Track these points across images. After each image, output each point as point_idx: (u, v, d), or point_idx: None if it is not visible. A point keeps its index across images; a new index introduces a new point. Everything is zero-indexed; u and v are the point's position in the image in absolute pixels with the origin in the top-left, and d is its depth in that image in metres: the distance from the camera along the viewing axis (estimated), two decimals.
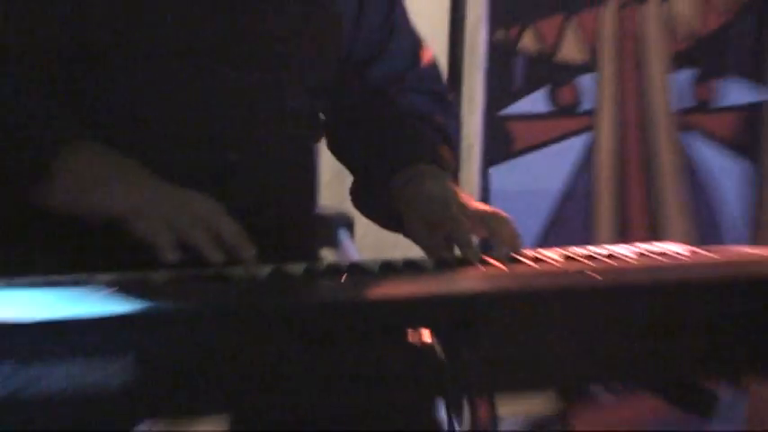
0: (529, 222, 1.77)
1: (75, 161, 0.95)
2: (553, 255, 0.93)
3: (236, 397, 0.67)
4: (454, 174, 1.13)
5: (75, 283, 0.79)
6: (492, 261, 0.90)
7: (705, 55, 1.72)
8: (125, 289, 0.76)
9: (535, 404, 0.96)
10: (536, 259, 0.91)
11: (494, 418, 0.91)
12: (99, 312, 0.67)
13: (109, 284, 0.77)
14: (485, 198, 1.73)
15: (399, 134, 1.15)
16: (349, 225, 1.59)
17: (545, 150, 1.76)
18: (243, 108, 1.06)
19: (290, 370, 0.69)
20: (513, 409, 1.20)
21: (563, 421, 1.10)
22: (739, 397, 1.79)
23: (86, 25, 1.03)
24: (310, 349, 0.70)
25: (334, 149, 1.22)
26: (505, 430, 1.58)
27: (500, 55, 1.87)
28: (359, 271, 0.89)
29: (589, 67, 1.77)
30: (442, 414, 0.84)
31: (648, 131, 1.73)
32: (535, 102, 1.79)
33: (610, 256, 0.92)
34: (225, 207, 0.91)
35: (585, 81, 1.77)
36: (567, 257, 0.92)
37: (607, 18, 1.68)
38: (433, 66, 1.21)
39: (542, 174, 1.80)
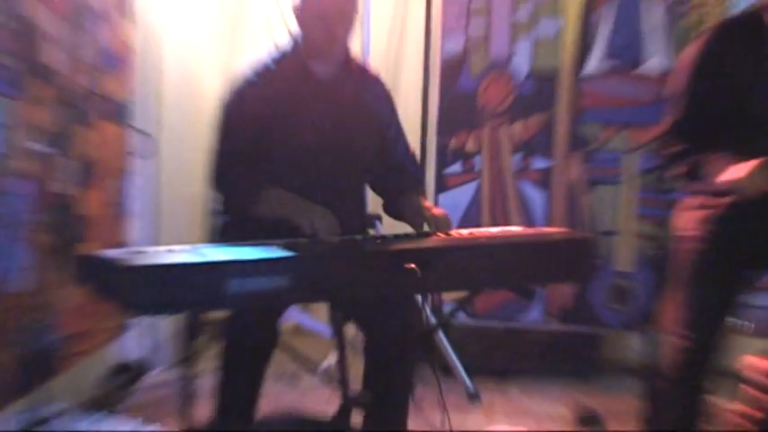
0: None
1: (268, 194, 2.27)
2: (464, 232, 2.25)
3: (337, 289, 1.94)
4: (425, 196, 2.54)
5: (269, 245, 2.00)
6: (441, 234, 2.21)
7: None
8: (291, 247, 1.97)
9: (458, 295, 2.79)
10: (458, 234, 2.22)
11: (441, 302, 2.95)
12: (275, 254, 1.90)
13: (284, 245, 1.98)
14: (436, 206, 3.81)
15: (408, 180, 2.54)
16: (379, 219, 3.10)
17: (461, 188, 3.75)
18: (341, 172, 2.39)
19: (356, 278, 1.94)
20: (451, 298, 3.21)
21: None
22: (541, 291, 3.74)
23: (267, 147, 2.35)
24: (365, 268, 1.96)
25: (374, 188, 2.58)
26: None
27: (442, 147, 3.76)
28: (385, 239, 2.17)
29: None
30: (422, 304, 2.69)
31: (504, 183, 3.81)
32: (455, 167, 3.74)
33: (487, 232, 2.28)
34: (330, 214, 2.18)
35: (477, 160, 3.72)
36: (471, 233, 2.24)
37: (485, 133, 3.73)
38: (413, 152, 2.66)
39: (461, 197, 3.75)
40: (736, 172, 2.47)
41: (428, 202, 2.58)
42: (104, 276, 2.31)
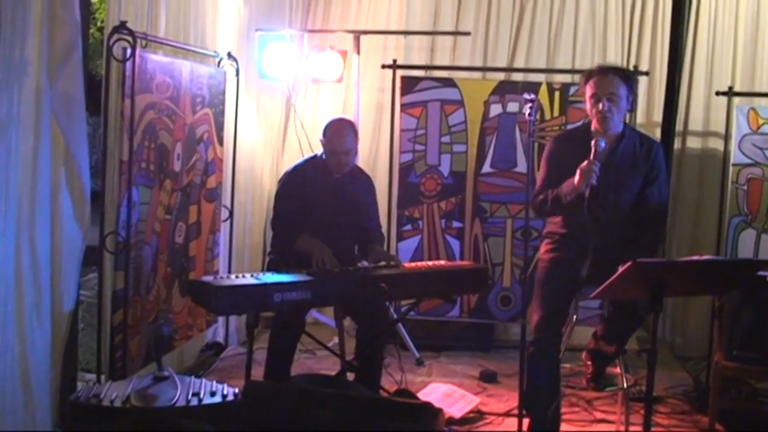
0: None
1: (301, 238, 4.08)
2: (412, 264, 4.29)
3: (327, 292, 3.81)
4: (383, 245, 4.44)
5: (298, 272, 3.79)
6: (394, 266, 4.06)
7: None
8: (310, 273, 3.82)
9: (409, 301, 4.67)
10: (406, 265, 4.19)
11: (400, 306, 5.14)
12: (301, 278, 3.72)
13: (307, 272, 3.80)
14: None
15: (376, 240, 4.36)
16: (366, 257, 4.21)
17: (411, 239, 5.75)
18: (342, 229, 4.22)
19: (350, 292, 3.89)
20: (405, 303, 5.01)
21: None
22: (458, 299, 5.45)
23: (301, 209, 4.19)
24: (355, 285, 3.88)
25: (357, 239, 4.32)
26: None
27: (401, 215, 5.54)
28: (366, 269, 4.02)
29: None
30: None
31: (436, 236, 6.00)
32: (408, 226, 5.62)
33: (425, 264, 4.40)
34: (331, 252, 3.95)
35: (420, 223, 5.84)
36: (416, 265, 4.28)
37: None
38: (380, 221, 4.51)
39: (411, 244, 5.70)
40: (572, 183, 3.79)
41: (385, 250, 4.43)
42: (202, 291, 3.67)
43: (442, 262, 4.87)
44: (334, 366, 4.78)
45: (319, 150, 4.41)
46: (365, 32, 5.74)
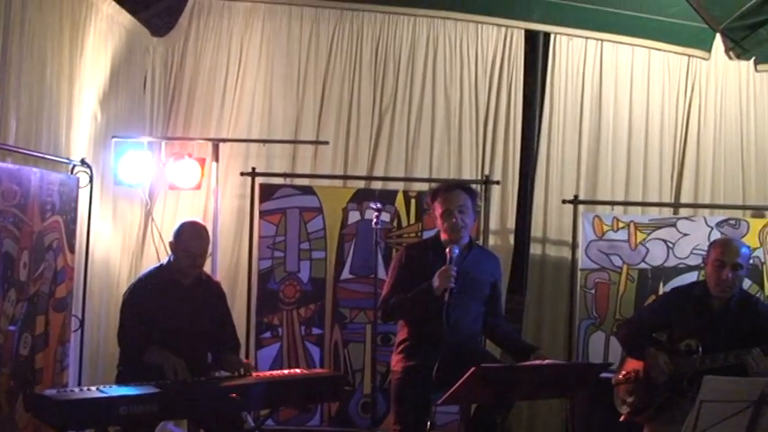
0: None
1: (150, 350, 4.09)
2: (268, 373, 4.36)
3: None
4: (239, 353, 4.83)
5: (146, 385, 3.75)
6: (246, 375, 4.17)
7: None
8: (158, 385, 3.76)
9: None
10: (259, 374, 4.26)
11: (259, 414, 5.06)
12: (148, 391, 3.69)
13: (155, 384, 3.75)
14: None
15: (231, 348, 4.58)
16: (222, 367, 5.31)
17: (271, 346, 5.77)
18: (192, 339, 4.31)
19: (201, 403, 3.84)
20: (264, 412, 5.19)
21: None
22: (319, 406, 5.47)
23: (149, 321, 4.20)
24: (206, 397, 3.87)
25: (210, 349, 4.54)
26: None
27: (259, 323, 5.65)
28: (218, 379, 4.11)
29: None
30: None
31: (296, 343, 5.98)
32: (267, 334, 5.84)
33: (281, 372, 4.50)
34: (183, 363, 3.98)
35: (280, 329, 5.94)
36: (271, 374, 4.32)
37: None
38: (235, 329, 4.81)
39: (271, 352, 5.84)
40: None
41: (241, 357, 4.42)
42: (43, 406, 3.53)
43: (298, 370, 4.88)
44: None
45: (165, 259, 4.39)
46: (223, 140, 5.85)
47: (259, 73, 6.17)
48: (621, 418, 4.40)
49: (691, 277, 5.48)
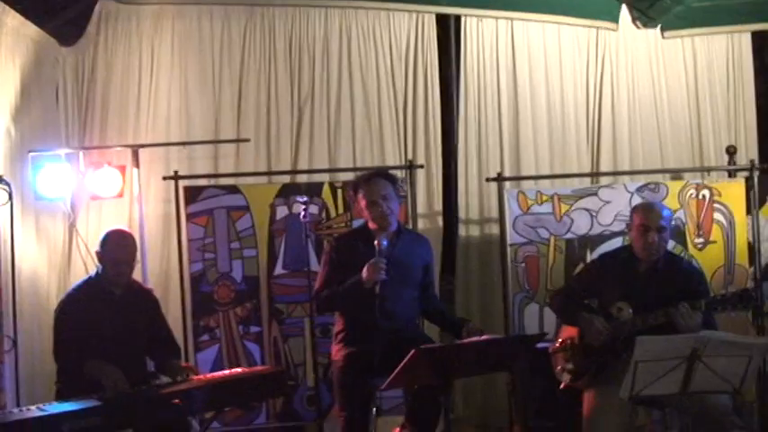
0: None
1: (88, 364, 4.02)
2: (210, 375, 4.49)
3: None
4: (180, 357, 4.99)
5: (87, 399, 3.74)
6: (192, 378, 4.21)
7: None
8: (99, 398, 3.76)
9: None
10: (201, 377, 4.27)
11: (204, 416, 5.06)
12: (89, 405, 3.70)
13: (96, 398, 3.74)
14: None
15: (171, 353, 4.70)
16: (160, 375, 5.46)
17: (210, 348, 5.80)
18: (130, 349, 4.31)
19: (142, 413, 3.82)
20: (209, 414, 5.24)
21: None
22: (264, 403, 5.65)
23: (83, 334, 4.17)
24: (147, 405, 3.89)
25: (150, 355, 4.70)
26: None
27: (196, 326, 5.75)
28: (159, 386, 4.15)
29: None
30: None
31: (235, 343, 5.98)
32: (205, 336, 5.74)
33: (223, 373, 4.44)
34: (122, 374, 3.91)
35: (217, 332, 5.96)
36: (213, 375, 4.35)
37: None
38: (172, 333, 5.01)
39: (210, 354, 5.83)
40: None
41: (182, 361, 4.52)
42: None
43: (240, 369, 4.88)
44: None
45: (93, 271, 4.37)
46: (142, 146, 5.77)
47: (173, 75, 6.11)
48: (561, 386, 4.48)
49: (616, 243, 5.60)
